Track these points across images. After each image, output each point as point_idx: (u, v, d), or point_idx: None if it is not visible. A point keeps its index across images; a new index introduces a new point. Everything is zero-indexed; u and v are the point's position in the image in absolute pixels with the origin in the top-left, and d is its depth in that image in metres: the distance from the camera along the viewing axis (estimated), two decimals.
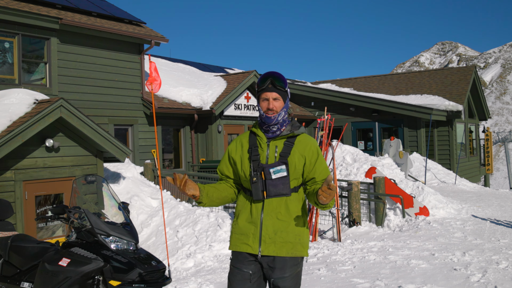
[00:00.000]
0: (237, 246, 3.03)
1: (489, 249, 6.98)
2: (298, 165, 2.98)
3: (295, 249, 2.98)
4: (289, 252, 2.95)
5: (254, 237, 2.97)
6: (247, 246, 2.99)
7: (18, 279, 4.82)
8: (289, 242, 2.96)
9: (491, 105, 66.24)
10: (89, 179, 5.15)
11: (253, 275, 2.98)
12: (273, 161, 2.98)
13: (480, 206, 11.57)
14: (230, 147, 3.18)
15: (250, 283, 2.98)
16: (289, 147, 3.00)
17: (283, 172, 2.94)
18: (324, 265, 6.63)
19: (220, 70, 22.94)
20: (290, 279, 2.96)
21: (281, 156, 2.97)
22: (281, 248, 2.95)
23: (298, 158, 2.99)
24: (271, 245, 2.94)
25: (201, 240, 8.62)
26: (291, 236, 2.97)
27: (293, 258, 2.98)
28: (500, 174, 47.59)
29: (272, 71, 3.07)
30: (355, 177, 12.36)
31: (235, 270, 3.02)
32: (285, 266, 2.95)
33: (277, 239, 2.94)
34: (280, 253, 2.94)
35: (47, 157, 8.90)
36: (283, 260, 2.95)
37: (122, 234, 4.58)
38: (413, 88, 21.70)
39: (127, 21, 14.00)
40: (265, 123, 3.03)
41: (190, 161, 15.46)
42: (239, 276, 2.99)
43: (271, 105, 2.98)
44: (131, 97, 13.62)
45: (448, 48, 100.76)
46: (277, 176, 2.93)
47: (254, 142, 3.07)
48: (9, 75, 11.14)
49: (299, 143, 3.03)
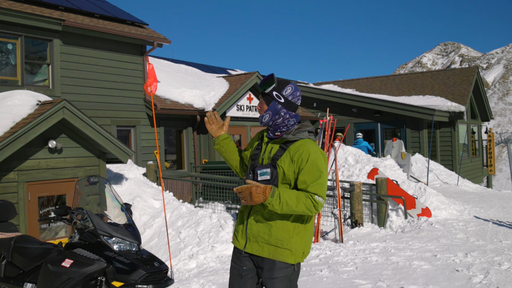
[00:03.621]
0: (233, 240, 3.18)
1: (491, 250, 6.97)
2: (288, 170, 2.94)
3: (278, 252, 2.95)
4: (270, 254, 2.96)
5: (242, 233, 3.09)
6: (237, 241, 3.13)
7: (21, 280, 4.83)
8: (270, 245, 2.97)
9: (494, 106, 66.11)
10: (92, 180, 5.16)
11: (246, 271, 3.05)
12: (266, 162, 3.03)
13: (483, 207, 11.55)
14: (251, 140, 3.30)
15: (240, 278, 3.07)
16: (281, 151, 3.00)
17: (267, 175, 2.97)
18: (326, 266, 6.63)
19: (222, 71, 22.96)
20: (279, 281, 2.97)
21: (272, 159, 3.00)
22: (263, 248, 2.99)
23: (289, 163, 2.94)
24: (254, 244, 3.02)
25: (204, 241, 8.63)
26: (273, 240, 2.96)
27: (282, 262, 2.97)
28: (502, 175, 47.49)
29: (269, 74, 3.12)
30: (357, 178, 12.36)
31: (232, 264, 3.16)
32: (273, 268, 2.97)
33: (259, 239, 3.00)
34: (262, 253, 2.99)
35: (50, 158, 8.93)
36: (271, 261, 2.98)
37: (124, 235, 4.59)
38: (416, 89, 21.68)
39: (130, 22, 14.03)
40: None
41: (193, 162, 15.47)
42: (235, 271, 3.11)
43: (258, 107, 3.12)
44: (133, 98, 13.64)
45: (451, 48, 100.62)
46: (262, 178, 2.98)
47: (261, 142, 3.17)
48: (12, 76, 11.18)
49: (293, 149, 2.97)
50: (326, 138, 9.39)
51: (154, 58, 19.38)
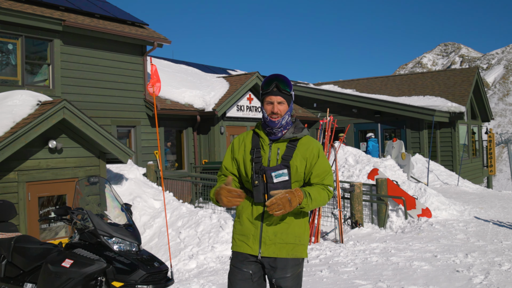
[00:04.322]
0: (238, 246, 3.05)
1: (491, 250, 6.97)
2: (300, 168, 2.98)
3: (295, 250, 2.99)
4: (289, 253, 2.97)
5: (254, 238, 2.99)
6: (247, 247, 3.00)
7: (21, 280, 4.83)
8: (289, 244, 2.97)
9: (494, 106, 66.08)
10: (92, 180, 5.16)
11: (253, 275, 3.00)
12: (275, 163, 2.97)
13: (483, 207, 11.55)
14: (234, 146, 3.15)
15: (251, 282, 3.00)
16: (291, 150, 2.99)
17: (284, 176, 2.94)
18: (326, 266, 6.63)
19: (222, 71, 22.97)
20: (292, 279, 2.97)
21: (283, 159, 2.97)
22: (281, 249, 2.96)
23: (300, 161, 2.98)
24: (271, 246, 2.96)
25: (204, 242, 8.63)
26: (291, 238, 2.98)
27: (294, 258, 2.99)
28: (503, 176, 47.44)
29: (277, 74, 3.04)
30: (358, 178, 12.36)
31: (235, 269, 3.04)
32: (286, 266, 2.96)
33: (277, 240, 2.96)
34: (280, 254, 2.96)
35: (50, 159, 8.93)
36: (285, 260, 2.96)
37: (124, 235, 4.59)
38: (416, 90, 21.68)
39: (130, 22, 14.04)
40: (268, 126, 3.02)
41: (193, 162, 15.47)
42: (239, 276, 3.01)
43: (276, 109, 2.96)
44: (133, 99, 13.65)
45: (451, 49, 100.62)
46: (279, 180, 2.93)
47: (257, 143, 3.05)
48: (12, 76, 11.18)
49: (302, 146, 3.02)
50: (326, 138, 9.39)
51: (155, 58, 19.39)
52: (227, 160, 3.15)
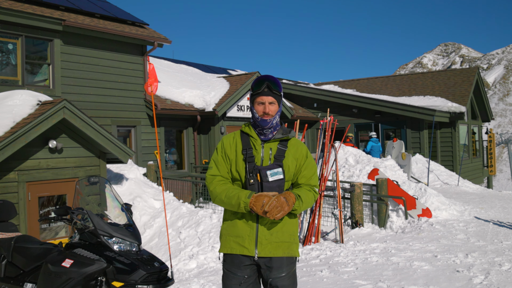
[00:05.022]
0: (232, 248, 3.02)
1: (492, 251, 6.97)
2: (291, 167, 3.05)
3: (290, 248, 3.04)
4: (285, 252, 3.00)
5: (250, 238, 2.98)
6: (243, 248, 2.98)
7: (22, 280, 4.83)
8: (285, 242, 3.01)
9: (494, 107, 66.08)
10: (92, 180, 5.15)
11: (248, 279, 3.02)
12: (267, 163, 3.02)
13: (483, 207, 11.54)
14: (224, 145, 3.11)
15: (245, 286, 3.02)
16: (283, 150, 3.05)
17: (279, 175, 2.98)
18: (326, 266, 6.63)
19: (223, 71, 22.97)
20: (288, 278, 3.01)
21: (276, 159, 3.02)
22: (277, 248, 2.99)
23: (292, 161, 3.05)
24: (267, 246, 2.98)
25: (204, 241, 8.63)
26: (286, 236, 3.02)
27: (289, 257, 3.03)
28: (503, 176, 47.43)
29: (268, 75, 3.11)
30: (358, 178, 12.35)
31: (230, 274, 3.03)
32: (282, 265, 3.00)
33: (273, 239, 2.98)
34: (276, 253, 2.98)
35: (50, 158, 8.93)
36: (280, 259, 2.99)
37: (125, 235, 4.59)
38: (416, 90, 21.68)
39: (130, 22, 14.04)
40: (259, 126, 3.05)
41: (193, 162, 15.47)
42: (234, 281, 3.02)
43: (267, 109, 3.01)
44: (134, 98, 13.65)
45: (451, 49, 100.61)
46: (274, 178, 2.97)
47: (248, 143, 3.07)
48: (12, 76, 11.18)
49: (292, 146, 3.09)
50: (326, 138, 9.38)
51: (155, 58, 19.39)
52: (219, 159, 3.11)
